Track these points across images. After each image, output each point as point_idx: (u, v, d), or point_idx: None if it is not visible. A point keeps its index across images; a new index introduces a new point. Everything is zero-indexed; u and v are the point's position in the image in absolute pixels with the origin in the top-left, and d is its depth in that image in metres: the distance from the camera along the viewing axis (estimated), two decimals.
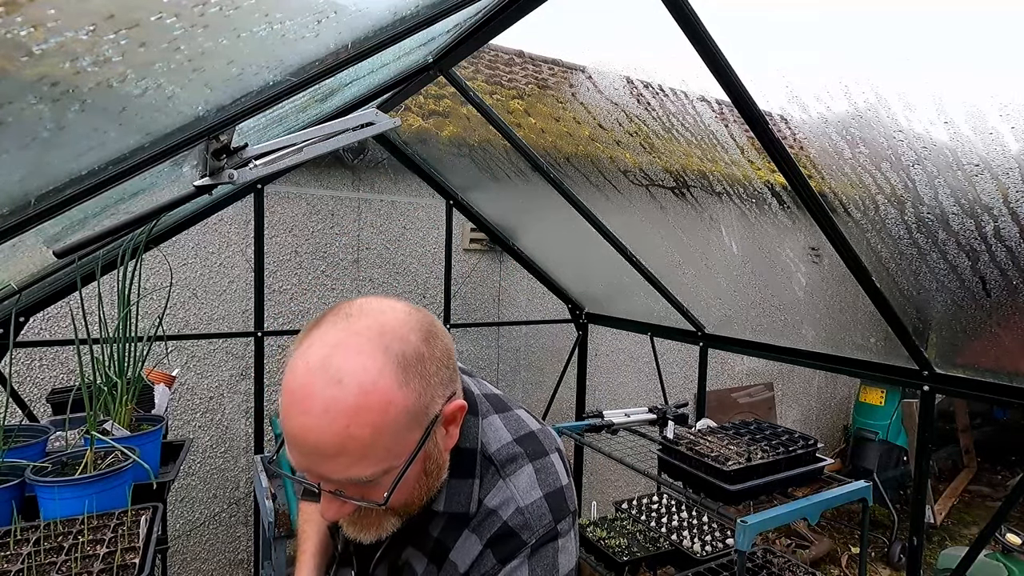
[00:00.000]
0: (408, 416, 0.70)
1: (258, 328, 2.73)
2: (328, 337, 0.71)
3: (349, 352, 0.69)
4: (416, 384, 0.71)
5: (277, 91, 1.00)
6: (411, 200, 3.52)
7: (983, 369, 1.77)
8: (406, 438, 0.71)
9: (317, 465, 0.70)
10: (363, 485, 0.71)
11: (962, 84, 1.22)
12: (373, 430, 0.67)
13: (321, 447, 0.67)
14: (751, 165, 1.90)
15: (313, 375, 0.67)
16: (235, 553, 3.13)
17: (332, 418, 0.66)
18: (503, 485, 0.83)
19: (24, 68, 0.64)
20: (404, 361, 0.70)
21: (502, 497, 0.82)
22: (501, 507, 0.82)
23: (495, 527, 0.82)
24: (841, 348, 2.16)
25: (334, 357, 0.68)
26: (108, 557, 1.12)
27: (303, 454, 0.70)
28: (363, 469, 0.69)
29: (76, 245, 1.11)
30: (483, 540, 0.82)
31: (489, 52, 3.81)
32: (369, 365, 0.68)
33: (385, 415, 0.68)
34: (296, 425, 0.68)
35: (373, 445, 0.68)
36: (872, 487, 1.91)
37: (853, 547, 4.29)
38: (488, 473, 0.85)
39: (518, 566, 0.80)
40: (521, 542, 0.80)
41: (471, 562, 0.82)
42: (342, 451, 0.67)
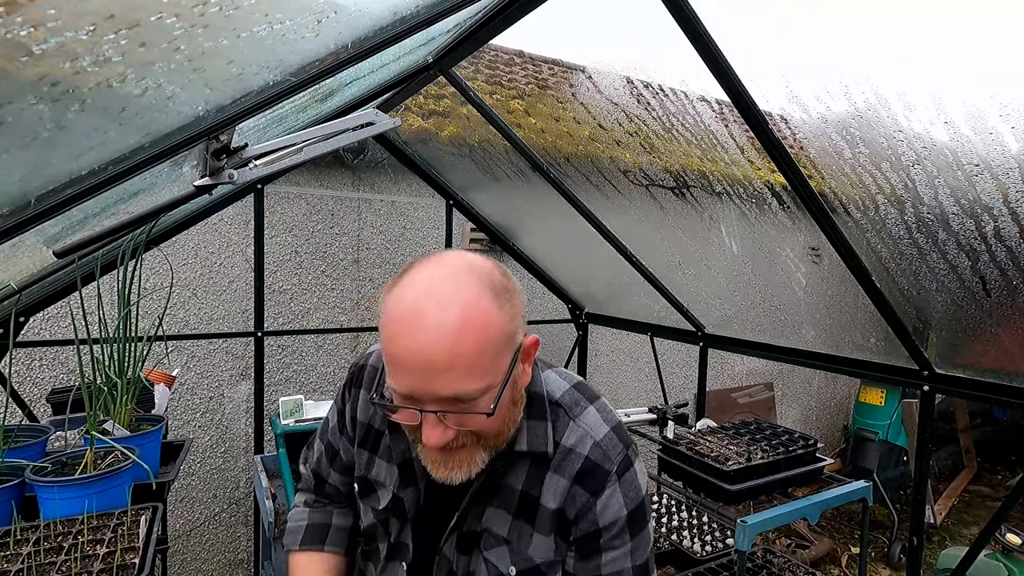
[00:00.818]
0: (503, 337, 0.78)
1: (258, 328, 2.73)
2: (424, 273, 0.79)
3: (448, 282, 0.77)
4: (507, 309, 0.79)
5: (277, 91, 1.00)
6: (411, 200, 3.52)
7: (983, 369, 1.77)
8: (502, 358, 0.78)
9: (428, 382, 0.74)
10: (466, 405, 0.77)
11: (962, 84, 1.22)
12: (477, 346, 0.74)
13: (433, 363, 0.73)
14: (751, 165, 1.91)
15: (419, 302, 0.75)
16: (235, 553, 3.13)
17: (442, 335, 0.73)
18: (574, 425, 0.91)
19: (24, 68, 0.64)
20: (495, 288, 0.78)
21: (577, 435, 0.91)
22: (578, 444, 0.90)
23: (578, 463, 0.89)
24: (841, 348, 2.16)
25: (436, 287, 0.76)
26: (108, 557, 1.12)
27: (414, 373, 0.75)
28: (469, 383, 0.75)
29: (76, 245, 1.11)
30: (569, 477, 0.89)
31: (489, 52, 3.81)
32: (468, 291, 0.76)
33: (486, 331, 0.75)
34: (407, 345, 0.74)
35: (478, 359, 0.75)
36: (872, 487, 1.91)
37: (853, 547, 4.29)
38: (559, 416, 0.92)
39: (611, 494, 0.88)
40: (606, 472, 0.89)
41: (563, 500, 0.89)
42: (452, 365, 0.73)
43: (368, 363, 1.05)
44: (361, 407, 1.04)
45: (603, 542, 0.89)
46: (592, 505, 0.88)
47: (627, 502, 0.89)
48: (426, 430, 0.78)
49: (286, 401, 2.45)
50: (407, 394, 0.77)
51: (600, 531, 0.89)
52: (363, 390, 1.03)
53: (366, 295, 3.43)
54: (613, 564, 0.89)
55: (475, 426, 0.80)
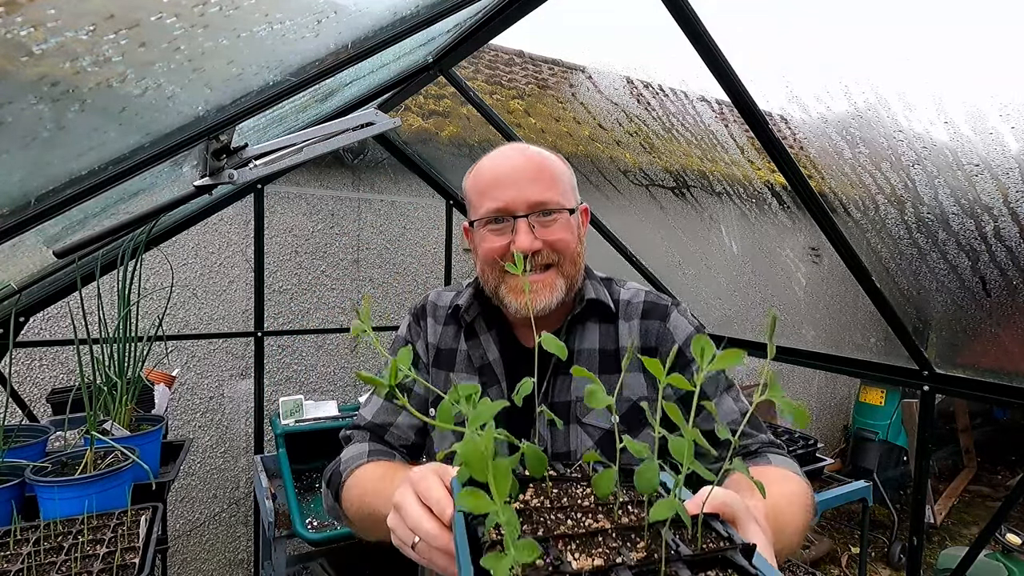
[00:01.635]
0: (569, 180, 1.02)
1: (258, 328, 2.73)
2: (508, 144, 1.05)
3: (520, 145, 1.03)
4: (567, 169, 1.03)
5: (277, 91, 1.00)
6: (411, 200, 3.52)
7: (983, 369, 1.77)
8: (569, 193, 1.01)
9: (523, 188, 0.96)
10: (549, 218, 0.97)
11: (962, 84, 1.22)
12: (557, 167, 1.00)
13: (528, 171, 0.97)
14: (751, 165, 1.90)
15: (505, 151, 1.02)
16: (235, 553, 3.13)
17: (530, 155, 0.99)
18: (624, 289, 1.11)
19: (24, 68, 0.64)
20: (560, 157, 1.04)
21: (631, 293, 1.10)
22: (633, 297, 1.09)
23: (640, 306, 1.07)
24: (841, 348, 2.16)
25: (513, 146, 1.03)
26: (108, 557, 1.12)
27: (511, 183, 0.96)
28: (554, 193, 0.97)
29: (76, 245, 1.11)
30: (637, 317, 1.06)
31: (489, 52, 3.81)
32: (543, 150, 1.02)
33: (557, 166, 1.01)
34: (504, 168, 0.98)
35: (557, 177, 0.99)
36: (872, 487, 1.91)
37: (853, 547, 4.29)
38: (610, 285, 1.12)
39: (676, 316, 1.06)
40: (665, 305, 1.07)
41: (638, 335, 1.05)
42: (540, 175, 0.97)
43: (427, 301, 1.17)
44: (431, 332, 1.13)
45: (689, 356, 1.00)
46: (665, 328, 1.04)
47: (691, 321, 1.06)
48: (519, 236, 0.95)
49: (286, 401, 2.45)
50: (503, 206, 0.96)
51: (681, 349, 1.01)
52: (430, 319, 1.14)
53: (366, 295, 3.42)
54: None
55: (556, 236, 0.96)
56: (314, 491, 2.38)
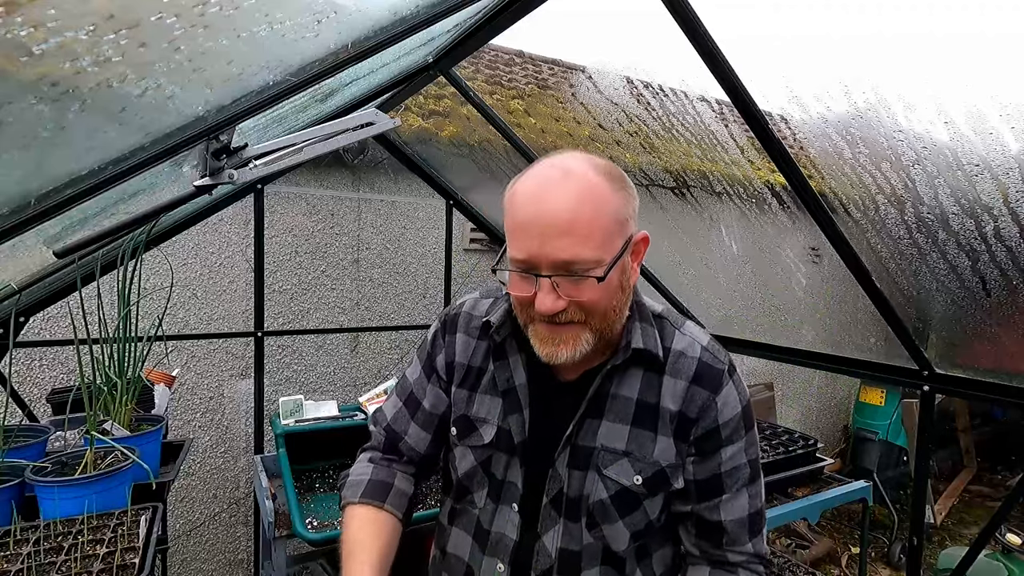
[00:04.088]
0: (616, 217, 0.85)
1: (258, 328, 2.73)
2: (545, 161, 0.88)
3: (569, 162, 0.86)
4: (620, 195, 0.86)
5: (277, 91, 1.00)
6: (411, 200, 3.52)
7: (983, 369, 1.76)
8: (614, 238, 0.85)
9: (547, 244, 0.81)
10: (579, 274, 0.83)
11: (962, 84, 1.22)
12: (596, 212, 0.82)
13: (555, 224, 0.81)
14: (751, 165, 1.91)
15: (547, 174, 0.85)
16: (235, 553, 3.13)
17: (566, 198, 0.81)
18: (679, 334, 0.98)
19: (24, 68, 0.64)
20: (611, 176, 0.86)
21: (686, 341, 0.97)
22: (688, 349, 0.96)
23: (693, 365, 0.95)
24: (841, 348, 2.16)
25: (560, 164, 0.86)
26: (108, 557, 1.12)
27: (537, 236, 0.82)
28: (585, 249, 0.82)
29: (76, 245, 1.11)
30: (687, 379, 0.94)
31: (489, 52, 3.81)
32: (587, 169, 0.85)
33: (603, 205, 0.83)
34: (533, 211, 0.82)
35: (594, 228, 0.82)
36: (872, 487, 1.91)
37: (853, 547, 4.28)
38: (663, 325, 0.99)
39: (728, 391, 0.94)
40: (719, 371, 0.95)
41: (682, 400, 0.94)
42: (571, 228, 0.81)
43: (462, 311, 1.09)
44: (460, 349, 1.06)
45: (723, 438, 0.93)
46: (712, 403, 0.93)
47: (741, 398, 0.96)
48: (540, 296, 0.84)
49: (286, 401, 2.45)
50: (526, 259, 0.84)
51: (719, 428, 0.93)
52: (460, 333, 1.07)
53: (366, 295, 3.42)
54: (732, 460, 0.94)
55: (585, 297, 0.84)
56: (314, 491, 2.38)
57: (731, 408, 0.94)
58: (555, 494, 0.95)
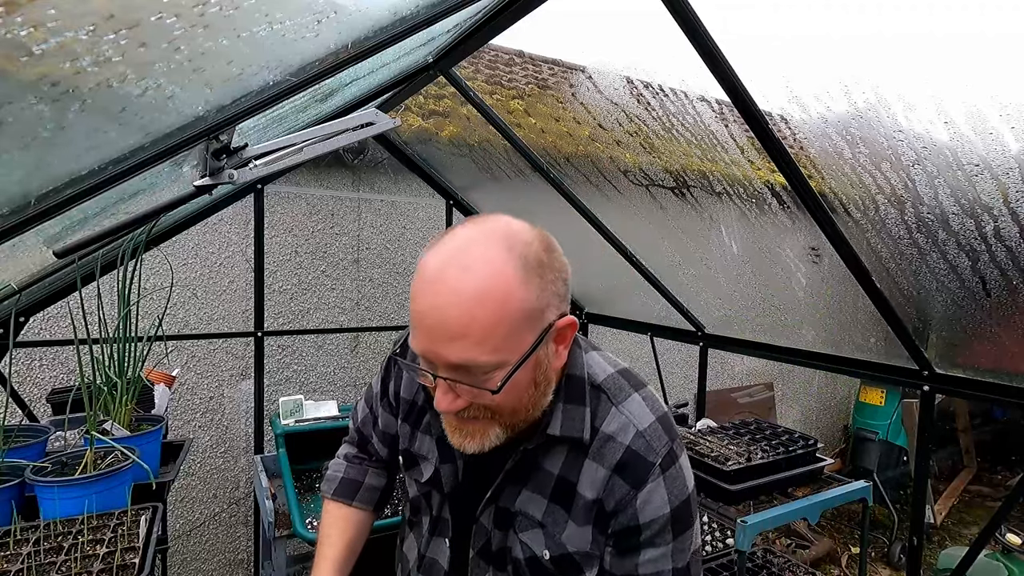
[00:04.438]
0: (525, 314, 0.75)
1: (258, 328, 2.73)
2: (459, 234, 0.78)
3: (478, 245, 0.75)
4: (535, 285, 0.76)
5: (277, 91, 1.00)
6: (411, 200, 3.52)
7: (983, 369, 1.77)
8: (521, 335, 0.76)
9: (441, 345, 0.74)
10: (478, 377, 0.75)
11: (962, 84, 1.22)
12: (495, 315, 0.72)
13: (448, 326, 0.73)
14: (751, 165, 1.90)
15: (445, 263, 0.74)
16: (235, 553, 3.13)
17: (461, 298, 0.72)
18: (616, 412, 0.86)
19: (24, 68, 0.64)
20: (526, 261, 0.75)
21: (619, 423, 0.86)
22: (620, 433, 0.85)
23: (619, 452, 0.84)
24: (841, 348, 2.16)
25: (465, 249, 0.75)
26: (108, 557, 1.12)
27: (429, 335, 0.75)
28: (481, 354, 0.73)
29: (76, 245, 1.11)
30: (609, 467, 0.84)
31: (489, 52, 3.81)
32: (495, 257, 0.74)
33: (506, 304, 0.73)
34: (427, 305, 0.74)
35: (493, 331, 0.73)
36: (872, 487, 1.91)
37: (853, 547, 4.29)
38: (600, 401, 0.88)
39: (653, 488, 0.83)
40: (649, 464, 0.83)
41: (600, 489, 0.84)
42: (465, 332, 0.72)
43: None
44: (405, 383, 1.05)
45: (643, 539, 0.84)
46: (633, 499, 0.83)
47: (671, 498, 0.84)
48: (437, 394, 0.79)
49: (286, 401, 2.45)
50: (423, 355, 0.78)
51: (640, 527, 0.83)
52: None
53: (366, 295, 3.43)
54: (653, 564, 0.84)
55: (485, 401, 0.77)
56: (314, 491, 2.38)
57: (654, 508, 0.83)
58: (481, 546, 0.94)
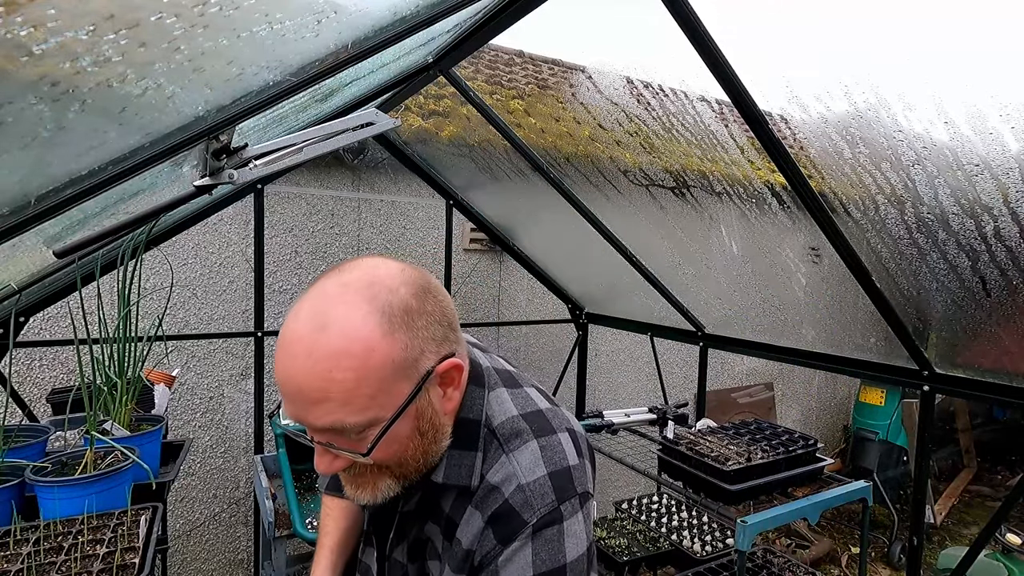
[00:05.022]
0: (393, 367, 0.71)
1: (258, 328, 2.73)
2: (319, 290, 0.73)
3: (335, 301, 0.71)
4: (402, 335, 0.71)
5: (277, 91, 1.00)
6: (411, 200, 3.52)
7: (983, 369, 1.77)
8: (392, 389, 0.72)
9: (304, 411, 0.71)
10: (351, 436, 0.73)
11: (962, 84, 1.22)
12: (355, 375, 0.69)
13: (306, 391, 0.69)
14: (751, 165, 1.91)
15: (300, 323, 0.70)
16: (235, 553, 3.13)
17: (315, 361, 0.68)
18: (506, 461, 0.81)
19: (24, 68, 0.64)
20: (390, 311, 0.71)
21: (505, 473, 0.80)
22: (503, 483, 0.79)
23: (496, 504, 0.79)
24: (841, 348, 2.16)
25: (321, 307, 0.71)
26: (108, 557, 1.12)
27: (291, 400, 0.72)
28: (347, 416, 0.70)
29: (76, 245, 1.11)
30: (485, 517, 0.79)
31: (489, 52, 3.81)
32: (352, 313, 0.70)
33: (367, 361, 0.69)
34: (283, 369, 0.71)
35: (355, 391, 0.69)
36: (872, 487, 1.91)
37: (853, 547, 4.29)
38: (492, 447, 0.82)
39: (519, 548, 0.76)
40: (522, 522, 0.76)
41: (474, 540, 0.80)
42: (326, 396, 0.69)
43: None
44: None
45: None
46: (497, 554, 0.77)
47: (536, 563, 0.75)
48: (316, 457, 0.76)
49: None
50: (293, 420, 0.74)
51: None
52: None
53: None
54: None
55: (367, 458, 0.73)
56: (314, 491, 2.37)
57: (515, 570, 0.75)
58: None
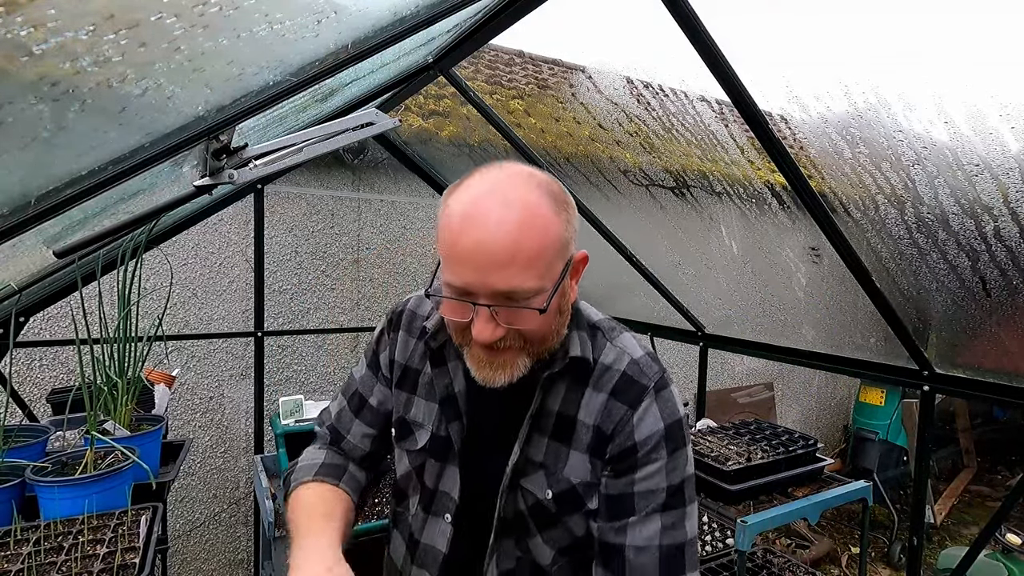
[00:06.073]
0: (559, 242, 0.81)
1: (258, 328, 2.73)
2: (488, 176, 0.82)
3: (512, 183, 0.80)
4: (564, 216, 0.82)
5: (277, 91, 1.00)
6: (411, 200, 3.52)
7: (983, 369, 1.77)
8: (556, 263, 0.81)
9: (488, 275, 0.77)
10: (519, 303, 0.79)
11: (962, 84, 1.22)
12: (538, 243, 0.78)
13: (495, 256, 0.76)
14: (751, 165, 1.91)
15: (483, 199, 0.78)
16: (235, 553, 3.13)
17: (506, 230, 0.76)
18: (611, 346, 0.94)
19: (24, 68, 0.64)
20: (554, 197, 0.81)
21: (615, 354, 0.93)
22: (616, 362, 0.92)
23: (615, 378, 0.91)
24: (841, 348, 2.16)
25: (500, 187, 0.79)
26: (108, 557, 1.12)
27: (476, 267, 0.77)
28: (525, 280, 0.77)
29: (76, 245, 1.11)
30: (607, 392, 0.90)
31: (489, 52, 3.81)
32: (529, 193, 0.79)
33: (546, 233, 0.79)
34: (472, 240, 0.77)
35: (537, 258, 0.78)
36: (872, 487, 1.91)
37: (853, 547, 4.29)
38: (596, 337, 0.95)
39: (648, 406, 0.89)
40: (642, 387, 0.90)
41: (599, 414, 0.90)
42: (512, 260, 0.76)
43: (407, 307, 1.07)
44: (400, 348, 1.05)
45: (639, 457, 0.87)
46: (629, 418, 0.88)
47: (664, 416, 0.89)
48: (478, 325, 0.80)
49: (286, 401, 2.45)
50: (463, 287, 0.79)
51: (636, 445, 0.87)
52: (402, 331, 1.05)
53: (366, 295, 3.42)
54: (647, 481, 0.87)
55: (524, 326, 0.81)
56: None
57: (649, 425, 0.87)
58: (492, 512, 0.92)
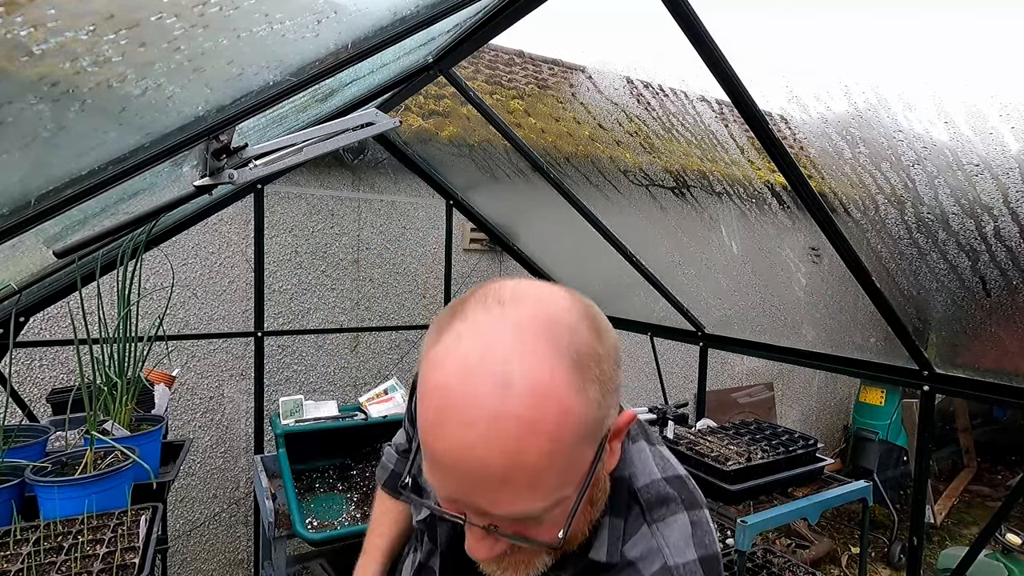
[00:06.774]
0: (584, 430, 0.54)
1: (258, 328, 2.73)
2: (483, 327, 0.54)
3: (517, 347, 0.52)
4: (594, 389, 0.55)
5: (277, 91, 1.00)
6: (411, 200, 3.52)
7: (983, 369, 1.77)
8: (580, 459, 0.56)
9: (473, 494, 0.54)
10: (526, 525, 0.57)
11: (962, 84, 1.22)
12: (549, 450, 0.52)
13: (486, 471, 0.52)
14: (751, 165, 1.90)
15: (474, 375, 0.52)
16: (235, 553, 3.13)
17: (499, 436, 0.51)
18: (648, 533, 0.65)
19: (24, 68, 0.64)
20: (578, 358, 0.54)
21: (646, 547, 0.64)
22: (643, 560, 0.64)
23: None
24: (841, 348, 2.16)
25: (496, 352, 0.52)
26: (108, 557, 1.12)
27: (459, 480, 0.54)
28: (530, 503, 0.54)
29: (76, 245, 1.11)
30: None
31: (489, 52, 3.81)
32: (542, 364, 0.52)
33: (562, 429, 0.52)
34: (454, 442, 0.52)
35: (546, 471, 0.53)
36: (872, 487, 1.91)
37: (853, 547, 4.29)
38: (632, 514, 0.67)
39: None
40: None
41: None
42: (508, 480, 0.52)
43: None
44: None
45: None
46: None
47: None
48: (470, 542, 0.59)
49: (286, 401, 2.45)
50: (447, 498, 0.58)
51: None
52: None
53: (366, 295, 3.43)
54: None
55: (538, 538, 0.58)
56: (314, 491, 2.38)
57: None
58: None
